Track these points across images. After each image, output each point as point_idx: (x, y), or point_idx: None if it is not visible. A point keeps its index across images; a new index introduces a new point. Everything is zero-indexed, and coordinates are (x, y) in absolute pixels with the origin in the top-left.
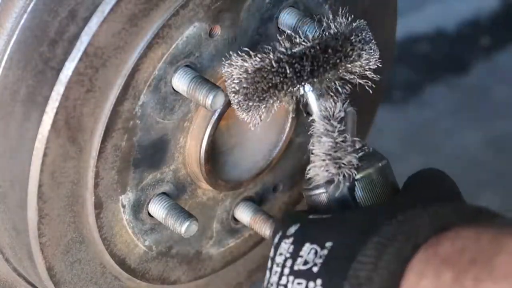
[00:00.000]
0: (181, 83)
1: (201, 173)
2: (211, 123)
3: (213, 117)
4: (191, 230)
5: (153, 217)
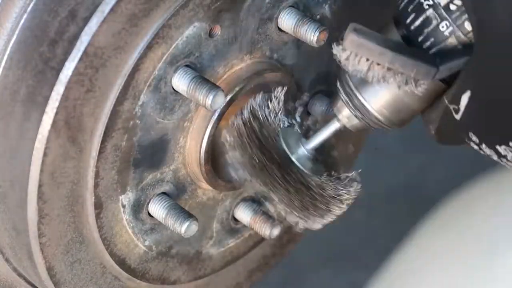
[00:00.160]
0: (181, 83)
1: (201, 173)
2: (211, 123)
3: (213, 117)
4: (191, 230)
5: (153, 217)
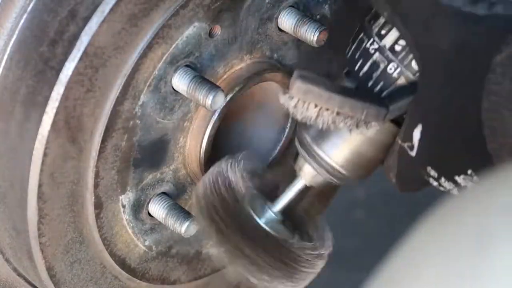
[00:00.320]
0: (181, 83)
1: (201, 173)
2: (211, 123)
3: (213, 117)
4: (191, 230)
5: (153, 217)
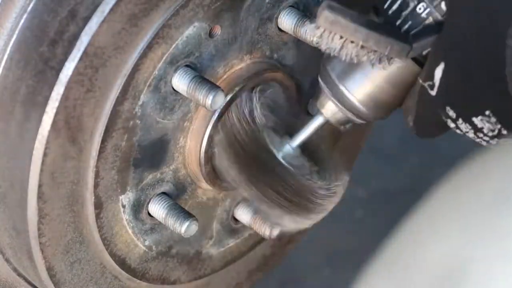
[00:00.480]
0: (181, 83)
1: (201, 173)
2: (211, 123)
3: (213, 117)
4: (191, 230)
5: (153, 217)
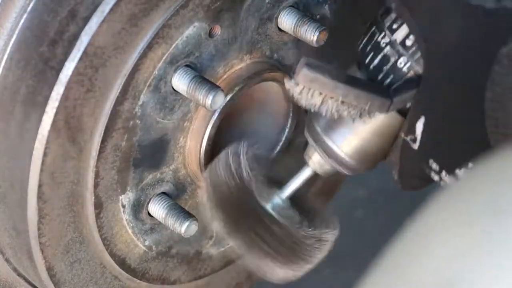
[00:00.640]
0: (181, 83)
1: (201, 173)
2: (211, 123)
3: (213, 117)
4: (191, 230)
5: (153, 217)
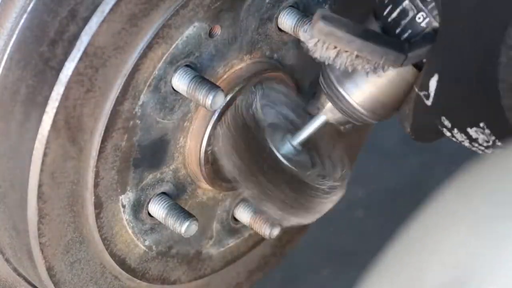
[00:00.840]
0: (181, 83)
1: (201, 173)
2: (211, 123)
3: (213, 117)
4: (191, 230)
5: (153, 217)
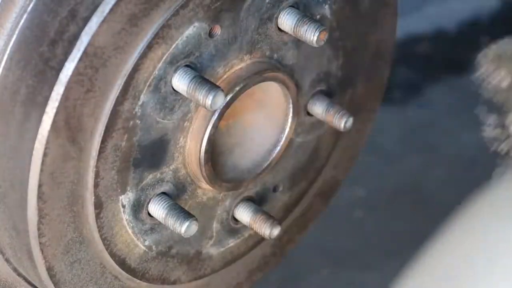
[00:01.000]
0: (181, 83)
1: (201, 173)
2: (211, 123)
3: (213, 117)
4: (191, 230)
5: (153, 217)
